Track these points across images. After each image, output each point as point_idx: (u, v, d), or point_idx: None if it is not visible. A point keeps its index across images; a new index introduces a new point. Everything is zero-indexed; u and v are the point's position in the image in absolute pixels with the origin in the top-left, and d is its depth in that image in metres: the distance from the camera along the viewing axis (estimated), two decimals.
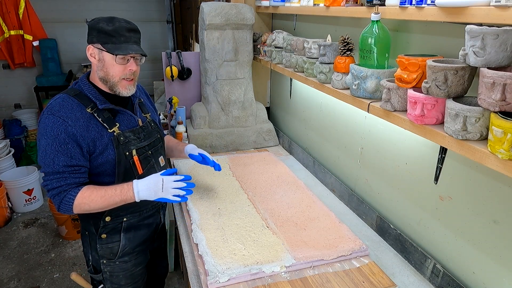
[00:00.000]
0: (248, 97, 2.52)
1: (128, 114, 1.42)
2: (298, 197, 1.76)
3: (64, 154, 1.26)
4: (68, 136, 1.26)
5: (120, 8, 5.12)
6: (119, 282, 1.53)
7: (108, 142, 1.33)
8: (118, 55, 1.28)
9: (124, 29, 1.29)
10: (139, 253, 1.56)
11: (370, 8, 1.29)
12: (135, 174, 1.42)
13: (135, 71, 1.35)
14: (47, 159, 1.27)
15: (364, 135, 1.73)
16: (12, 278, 2.75)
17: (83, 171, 1.32)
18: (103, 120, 1.33)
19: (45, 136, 1.26)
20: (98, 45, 1.30)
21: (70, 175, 1.29)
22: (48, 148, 1.26)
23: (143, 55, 1.36)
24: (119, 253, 1.48)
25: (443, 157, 1.25)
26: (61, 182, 1.28)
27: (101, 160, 1.34)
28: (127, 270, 1.53)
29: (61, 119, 1.26)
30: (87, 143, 1.30)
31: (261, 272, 1.28)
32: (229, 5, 2.30)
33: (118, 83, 1.33)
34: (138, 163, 1.41)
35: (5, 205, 3.41)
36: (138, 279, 1.58)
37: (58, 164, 1.27)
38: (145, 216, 1.53)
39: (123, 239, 1.48)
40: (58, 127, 1.25)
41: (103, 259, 1.48)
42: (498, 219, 1.10)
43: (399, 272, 1.40)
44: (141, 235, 1.54)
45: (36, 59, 4.89)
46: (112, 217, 1.43)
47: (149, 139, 1.47)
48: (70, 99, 1.31)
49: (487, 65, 0.87)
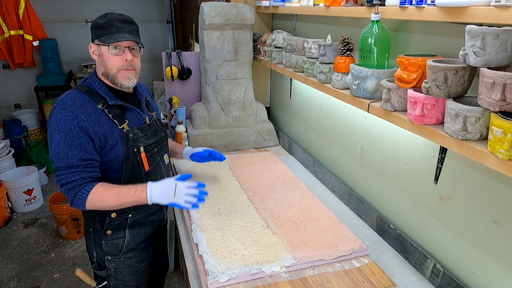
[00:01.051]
0: (248, 97, 2.52)
1: (136, 111, 1.45)
2: (298, 197, 1.76)
3: (78, 148, 1.27)
4: (81, 130, 1.27)
5: (120, 8, 5.11)
6: (123, 278, 1.54)
7: (118, 138, 1.36)
8: (110, 44, 1.29)
9: (116, 20, 1.31)
10: (143, 249, 1.58)
11: (370, 8, 1.29)
12: (141, 171, 1.44)
13: (132, 61, 1.35)
14: (60, 153, 1.27)
15: (364, 135, 1.73)
16: (12, 278, 2.76)
17: (96, 165, 1.34)
18: (114, 116, 1.35)
19: (58, 131, 1.26)
20: (96, 41, 1.33)
21: (84, 169, 1.30)
22: (62, 143, 1.26)
23: (138, 44, 1.35)
24: (124, 249, 1.50)
25: (443, 157, 1.25)
26: (75, 176, 1.29)
27: (110, 156, 1.36)
28: (131, 266, 1.54)
29: (73, 113, 1.27)
30: (99, 138, 1.31)
31: (261, 272, 1.28)
32: (229, 5, 2.30)
33: (116, 74, 1.34)
34: (145, 160, 1.43)
35: (5, 205, 3.41)
36: (141, 276, 1.60)
37: (72, 158, 1.27)
38: (150, 213, 1.55)
39: (128, 235, 1.49)
40: (71, 121, 1.26)
41: (107, 255, 1.50)
42: (498, 219, 1.10)
43: (399, 272, 1.40)
44: (145, 232, 1.55)
45: (36, 59, 4.89)
46: (117, 214, 1.44)
47: (155, 137, 1.50)
48: (81, 95, 1.33)
49: (487, 65, 0.87)
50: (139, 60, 1.40)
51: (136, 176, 1.42)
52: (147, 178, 1.45)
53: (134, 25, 1.37)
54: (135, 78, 1.39)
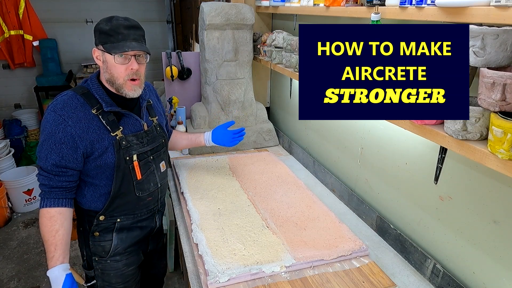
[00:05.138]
0: (248, 97, 2.52)
1: (133, 117, 1.40)
2: (298, 197, 1.76)
3: (56, 153, 1.28)
4: (66, 135, 1.26)
5: (120, 8, 5.12)
6: (110, 280, 1.52)
7: (108, 145, 1.33)
8: (116, 54, 1.25)
9: (121, 27, 1.26)
10: (131, 253, 1.55)
11: (370, 8, 1.29)
12: (133, 179, 1.41)
13: (138, 70, 1.32)
14: (41, 153, 1.30)
15: (364, 135, 1.73)
16: (12, 278, 2.76)
17: (69, 174, 1.33)
18: (107, 123, 1.32)
19: (44, 132, 1.29)
20: (100, 47, 1.29)
21: (54, 177, 1.31)
22: (44, 144, 1.29)
23: (146, 52, 1.32)
24: (111, 252, 1.48)
25: (443, 157, 1.25)
26: (46, 181, 1.32)
27: (99, 163, 1.34)
28: (118, 269, 1.52)
29: (62, 118, 1.26)
30: (84, 145, 1.29)
31: (261, 272, 1.28)
32: (229, 5, 2.30)
33: (123, 84, 1.32)
34: (138, 168, 1.40)
35: (5, 205, 3.41)
36: (129, 279, 1.57)
37: (48, 162, 1.29)
38: (140, 219, 1.52)
39: (115, 238, 1.47)
40: (57, 125, 1.26)
41: (95, 256, 1.48)
42: (498, 219, 1.10)
43: (399, 272, 1.40)
44: (133, 236, 1.53)
45: (36, 59, 4.89)
46: (106, 217, 1.43)
47: (152, 144, 1.46)
48: (76, 97, 1.31)
49: (487, 65, 0.87)
50: (144, 67, 1.37)
51: (128, 185, 1.40)
52: (139, 187, 1.43)
53: (140, 30, 1.33)
54: (140, 89, 1.37)
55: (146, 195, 1.47)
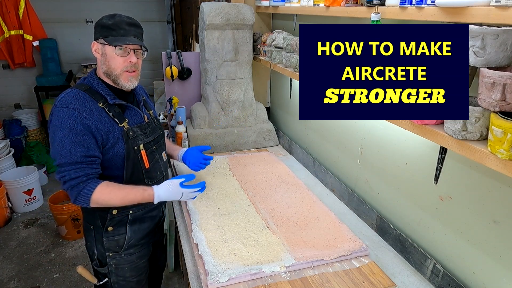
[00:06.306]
0: (248, 97, 2.52)
1: (135, 110, 1.48)
2: (298, 197, 1.76)
3: (81, 145, 1.29)
4: (84, 127, 1.29)
5: (120, 8, 5.11)
6: (124, 274, 1.56)
7: (119, 136, 1.38)
8: (117, 45, 1.32)
9: (124, 23, 1.34)
10: (143, 245, 1.60)
11: (370, 8, 1.29)
12: (142, 168, 1.47)
13: (136, 63, 1.38)
14: (63, 150, 1.29)
15: (364, 135, 1.73)
16: (12, 278, 2.76)
17: (98, 162, 1.36)
18: (114, 115, 1.38)
19: (61, 128, 1.28)
20: (100, 40, 1.35)
21: (87, 166, 1.32)
22: (65, 140, 1.28)
23: (143, 48, 1.40)
24: (125, 245, 1.52)
25: (443, 157, 1.25)
26: (79, 173, 1.31)
27: (112, 154, 1.38)
28: (132, 262, 1.56)
29: (76, 111, 1.29)
30: (101, 135, 1.34)
31: (261, 272, 1.28)
32: (229, 5, 2.30)
33: (120, 75, 1.37)
34: (146, 157, 1.47)
35: (5, 205, 3.41)
36: (142, 272, 1.63)
37: (76, 154, 1.29)
38: (150, 209, 1.58)
39: (129, 231, 1.52)
40: (74, 119, 1.28)
41: (109, 252, 1.51)
42: (498, 219, 1.10)
43: (399, 272, 1.40)
44: (145, 228, 1.58)
45: (36, 59, 4.88)
46: (118, 210, 1.46)
47: (153, 135, 1.53)
48: (82, 93, 1.35)
49: (487, 65, 0.87)
50: (141, 62, 1.44)
51: (137, 174, 1.46)
52: (148, 175, 1.50)
53: (140, 29, 1.40)
54: (136, 81, 1.44)
55: (154, 183, 1.52)
